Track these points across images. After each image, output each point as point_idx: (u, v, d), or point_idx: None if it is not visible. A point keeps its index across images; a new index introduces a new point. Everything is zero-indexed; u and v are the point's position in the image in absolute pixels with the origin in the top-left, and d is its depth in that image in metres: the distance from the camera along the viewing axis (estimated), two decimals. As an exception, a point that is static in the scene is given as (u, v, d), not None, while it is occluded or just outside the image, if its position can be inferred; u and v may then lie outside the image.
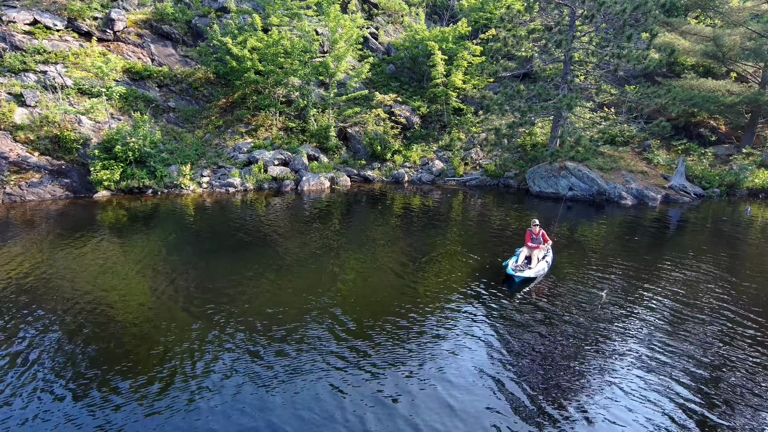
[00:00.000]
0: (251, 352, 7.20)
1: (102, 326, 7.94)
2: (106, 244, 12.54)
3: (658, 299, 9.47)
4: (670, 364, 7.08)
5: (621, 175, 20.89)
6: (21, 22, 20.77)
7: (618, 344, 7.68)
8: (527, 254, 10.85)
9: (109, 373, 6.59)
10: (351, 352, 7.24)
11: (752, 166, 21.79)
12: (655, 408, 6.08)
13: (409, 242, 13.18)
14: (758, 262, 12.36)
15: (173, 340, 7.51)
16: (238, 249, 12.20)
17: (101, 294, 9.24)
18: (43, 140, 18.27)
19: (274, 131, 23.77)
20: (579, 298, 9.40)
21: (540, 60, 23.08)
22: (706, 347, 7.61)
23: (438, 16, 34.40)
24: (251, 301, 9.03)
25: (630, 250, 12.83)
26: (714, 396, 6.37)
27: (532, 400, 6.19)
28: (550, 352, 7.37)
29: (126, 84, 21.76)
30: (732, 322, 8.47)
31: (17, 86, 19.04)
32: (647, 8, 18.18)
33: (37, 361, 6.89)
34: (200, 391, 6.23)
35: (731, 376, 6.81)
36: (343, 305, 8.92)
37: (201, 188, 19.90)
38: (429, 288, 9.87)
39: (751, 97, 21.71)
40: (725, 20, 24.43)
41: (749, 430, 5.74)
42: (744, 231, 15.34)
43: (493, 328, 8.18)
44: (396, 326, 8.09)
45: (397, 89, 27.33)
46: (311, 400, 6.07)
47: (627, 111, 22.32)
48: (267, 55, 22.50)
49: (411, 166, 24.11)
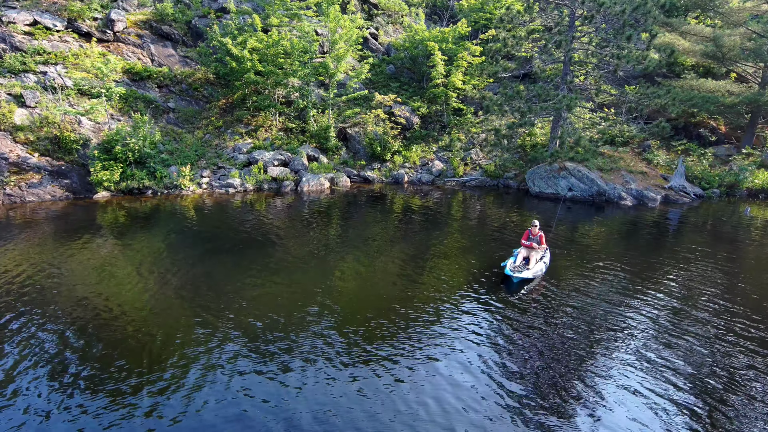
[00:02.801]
0: (251, 352, 7.20)
1: (101, 326, 7.94)
2: (105, 244, 12.55)
3: (657, 300, 9.47)
4: (670, 364, 7.08)
5: (621, 176, 20.88)
6: (21, 22, 20.79)
7: (617, 344, 7.68)
8: (525, 255, 10.87)
9: (109, 374, 6.60)
10: (351, 352, 7.24)
11: (752, 167, 21.79)
12: (656, 407, 6.08)
13: (409, 243, 13.19)
14: (758, 262, 12.35)
15: (173, 340, 7.51)
16: (237, 250, 12.21)
17: (101, 295, 9.25)
18: (42, 141, 18.29)
19: (273, 132, 23.78)
20: (578, 299, 9.40)
21: (540, 60, 23.08)
22: (706, 347, 7.61)
23: (438, 16, 34.39)
24: (251, 301, 9.03)
25: (630, 251, 12.83)
26: (714, 395, 6.37)
27: (532, 400, 6.19)
28: (549, 353, 7.37)
29: (126, 85, 21.78)
30: (732, 323, 8.47)
31: (17, 87, 19.05)
32: (647, 9, 18.17)
33: (36, 361, 6.90)
34: (200, 391, 6.23)
35: (731, 376, 6.81)
36: (342, 305, 8.93)
37: (201, 189, 19.91)
38: (428, 288, 9.88)
39: (751, 98, 21.70)
40: (725, 21, 24.42)
41: (750, 428, 5.75)
42: (744, 232, 15.33)
43: (492, 329, 8.18)
44: (396, 326, 8.10)
45: (396, 90, 27.32)
46: (311, 399, 6.07)
47: (627, 111, 22.31)
48: (267, 55, 22.51)
49: (411, 166, 24.11)
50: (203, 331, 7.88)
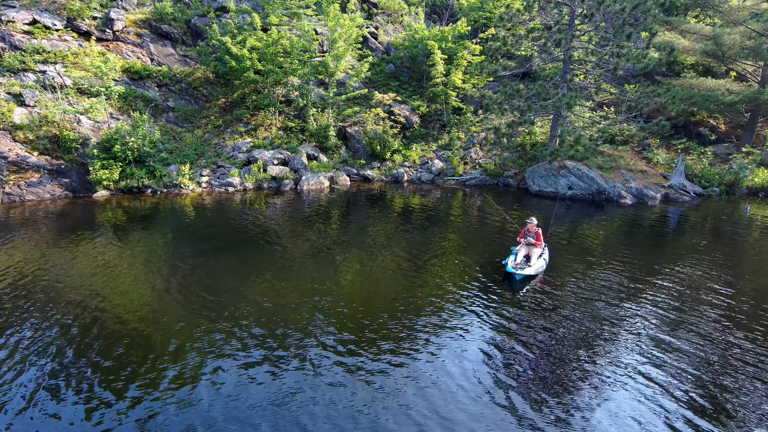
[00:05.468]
0: (251, 352, 7.19)
1: (101, 326, 7.93)
2: (105, 243, 12.54)
3: (657, 298, 9.47)
4: (670, 362, 7.07)
5: (620, 174, 20.87)
6: (20, 21, 20.77)
7: (618, 343, 7.67)
8: (525, 252, 10.89)
9: (108, 374, 6.59)
10: (351, 351, 7.23)
11: (752, 165, 21.78)
12: (655, 406, 6.07)
13: (409, 241, 13.18)
14: (758, 261, 12.34)
15: (173, 339, 7.50)
16: (237, 248, 12.20)
17: (100, 293, 9.24)
18: (42, 140, 18.27)
19: (273, 131, 23.77)
20: (579, 297, 9.40)
21: (539, 59, 23.08)
22: (705, 345, 7.60)
23: (437, 15, 34.37)
24: (251, 300, 9.02)
25: (629, 249, 12.82)
26: (713, 394, 6.36)
27: (535, 398, 6.18)
28: (553, 350, 7.36)
29: (125, 84, 21.76)
30: (732, 321, 8.46)
31: (16, 86, 19.04)
32: (646, 7, 18.16)
33: (35, 361, 6.89)
34: (200, 391, 6.22)
35: (731, 375, 6.80)
36: (343, 304, 8.91)
37: (200, 188, 19.89)
38: (430, 286, 9.87)
39: (751, 96, 21.69)
40: (725, 19, 24.41)
41: (750, 430, 5.74)
42: (744, 230, 15.32)
43: (496, 326, 8.17)
44: (397, 325, 8.09)
45: (396, 89, 27.31)
46: (312, 398, 6.06)
47: (626, 110, 22.31)
48: (266, 54, 22.50)
49: (410, 165, 24.10)
50: (203, 329, 7.86)
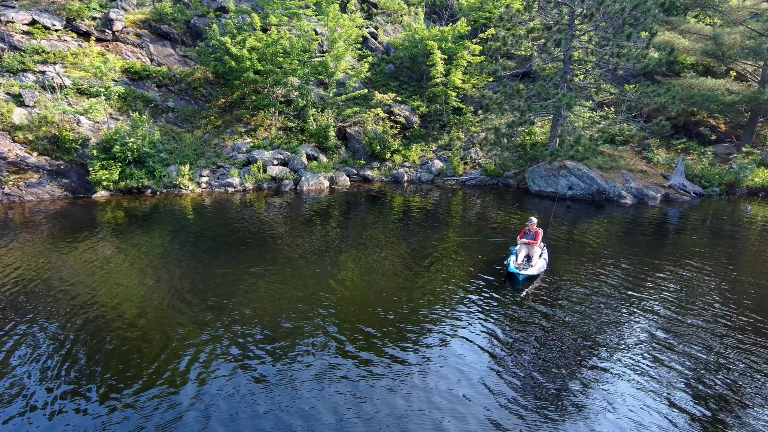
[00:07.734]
0: (251, 352, 7.17)
1: (100, 326, 7.91)
2: (104, 244, 12.52)
3: (658, 298, 9.45)
4: (671, 362, 7.05)
5: (621, 175, 20.86)
6: (19, 22, 20.75)
7: (619, 342, 7.66)
8: (526, 252, 10.89)
9: (108, 374, 6.57)
10: (352, 351, 7.21)
11: (752, 165, 21.76)
12: (655, 406, 6.05)
13: (410, 242, 13.16)
14: (758, 261, 12.33)
15: (173, 340, 7.48)
16: (237, 249, 12.18)
17: (99, 294, 9.21)
18: (41, 140, 18.25)
19: (273, 131, 23.75)
20: (580, 297, 9.38)
21: (539, 59, 23.05)
22: (705, 345, 7.58)
23: (437, 15, 34.35)
24: (251, 300, 9.00)
25: (630, 249, 12.80)
26: (713, 394, 6.34)
27: (538, 397, 6.16)
28: (557, 349, 7.35)
29: (125, 84, 21.74)
30: (732, 321, 8.45)
31: (16, 86, 19.01)
32: (646, 7, 18.14)
33: (34, 361, 6.87)
34: (200, 391, 6.20)
35: (731, 375, 6.78)
36: (343, 304, 8.89)
37: (200, 188, 19.87)
38: (432, 287, 9.85)
39: (751, 96, 21.68)
40: (725, 19, 24.40)
41: (750, 429, 5.72)
42: (744, 230, 15.31)
43: (500, 326, 8.15)
44: (399, 325, 8.07)
45: (396, 89, 27.29)
46: (312, 399, 6.04)
47: (626, 110, 22.29)
48: (266, 54, 22.47)
49: (410, 165, 24.08)
50: (203, 329, 7.84)
